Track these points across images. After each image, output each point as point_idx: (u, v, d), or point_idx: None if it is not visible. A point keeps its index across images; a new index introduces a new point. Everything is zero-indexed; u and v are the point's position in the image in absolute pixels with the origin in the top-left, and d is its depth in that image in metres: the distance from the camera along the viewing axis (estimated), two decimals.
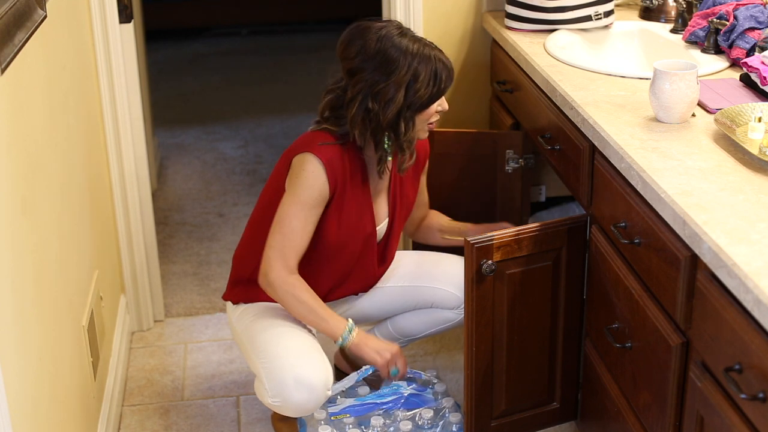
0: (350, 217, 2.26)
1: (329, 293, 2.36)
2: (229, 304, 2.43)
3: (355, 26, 2.19)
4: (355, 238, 2.29)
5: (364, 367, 2.36)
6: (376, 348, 2.25)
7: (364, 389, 2.44)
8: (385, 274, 2.47)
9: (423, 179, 2.51)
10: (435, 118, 2.23)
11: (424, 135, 2.26)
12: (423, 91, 2.14)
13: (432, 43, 2.19)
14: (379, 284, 2.47)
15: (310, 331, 2.31)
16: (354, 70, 2.16)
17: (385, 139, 2.19)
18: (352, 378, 2.34)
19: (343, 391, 2.36)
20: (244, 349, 2.34)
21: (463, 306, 2.29)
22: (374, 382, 2.46)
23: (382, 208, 2.36)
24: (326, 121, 2.23)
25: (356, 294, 2.45)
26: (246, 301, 2.37)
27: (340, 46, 2.19)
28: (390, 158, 2.26)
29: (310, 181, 2.18)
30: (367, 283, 2.42)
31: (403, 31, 2.17)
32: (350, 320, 2.26)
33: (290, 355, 2.19)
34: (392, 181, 2.36)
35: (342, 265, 2.32)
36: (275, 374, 2.18)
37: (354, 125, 2.17)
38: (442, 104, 2.21)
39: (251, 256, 2.35)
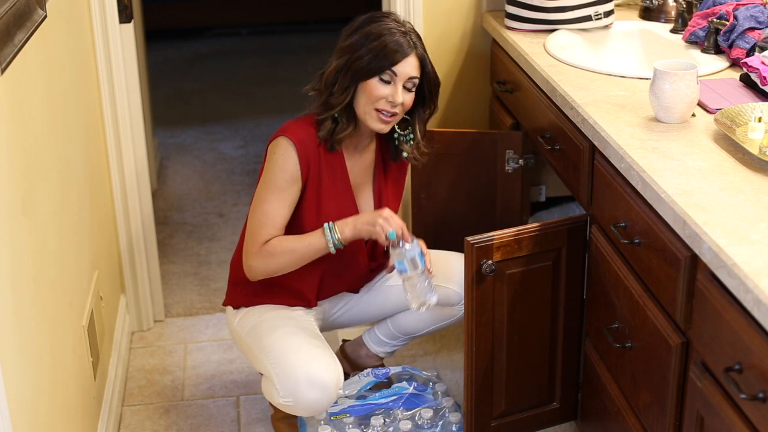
0: (329, 207, 2.25)
1: (320, 290, 2.36)
2: (229, 309, 2.42)
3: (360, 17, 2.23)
4: None
5: (366, 371, 2.37)
6: (367, 221, 2.19)
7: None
8: (384, 272, 2.46)
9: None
10: (381, 104, 2.16)
11: (374, 124, 2.19)
12: (365, 59, 2.13)
13: (412, 30, 2.19)
14: (378, 283, 2.47)
15: (315, 330, 2.31)
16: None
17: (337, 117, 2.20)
18: (361, 382, 2.34)
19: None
20: (248, 351, 2.33)
21: (462, 302, 2.29)
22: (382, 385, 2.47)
23: (366, 204, 2.35)
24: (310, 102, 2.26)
25: (349, 290, 2.45)
26: (247, 305, 2.37)
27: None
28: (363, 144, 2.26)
29: (279, 162, 2.18)
30: (359, 279, 2.41)
31: (392, 17, 2.20)
32: (325, 224, 2.19)
33: (301, 355, 2.19)
34: (377, 177, 2.35)
35: (327, 260, 2.30)
36: (287, 374, 2.17)
37: (313, 90, 2.21)
38: (393, 94, 2.15)
39: None
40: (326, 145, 2.22)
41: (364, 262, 2.38)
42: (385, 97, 2.15)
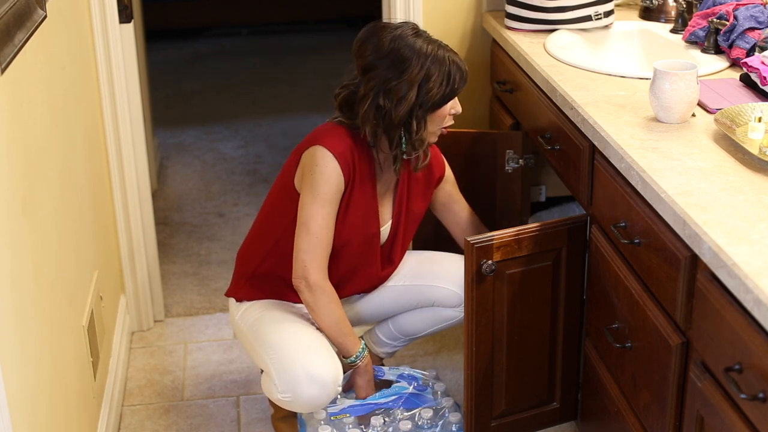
0: (356, 215, 2.26)
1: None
2: (231, 301, 2.43)
3: (372, 25, 2.22)
4: (357, 237, 2.29)
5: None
6: (369, 383, 2.33)
7: None
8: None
9: (452, 190, 2.51)
10: (449, 121, 2.24)
11: (434, 138, 2.27)
12: (435, 91, 2.15)
13: (447, 45, 2.20)
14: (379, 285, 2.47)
15: (314, 325, 2.32)
16: (367, 68, 2.18)
17: (402, 137, 2.20)
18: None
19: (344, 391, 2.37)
20: (249, 345, 2.34)
21: (463, 304, 2.29)
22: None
23: (386, 210, 2.36)
24: (341, 115, 2.26)
25: (360, 293, 2.45)
26: (250, 298, 2.37)
27: (355, 44, 2.22)
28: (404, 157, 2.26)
29: (325, 175, 2.18)
30: (370, 284, 2.43)
31: (419, 32, 2.19)
32: (363, 342, 2.31)
33: (301, 351, 2.20)
34: (400, 186, 2.36)
35: (343, 263, 2.32)
36: (286, 370, 2.18)
37: (365, 122, 2.18)
38: (455, 107, 2.23)
39: (256, 253, 2.35)
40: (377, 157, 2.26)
41: (377, 268, 2.38)
42: (449, 113, 2.23)
